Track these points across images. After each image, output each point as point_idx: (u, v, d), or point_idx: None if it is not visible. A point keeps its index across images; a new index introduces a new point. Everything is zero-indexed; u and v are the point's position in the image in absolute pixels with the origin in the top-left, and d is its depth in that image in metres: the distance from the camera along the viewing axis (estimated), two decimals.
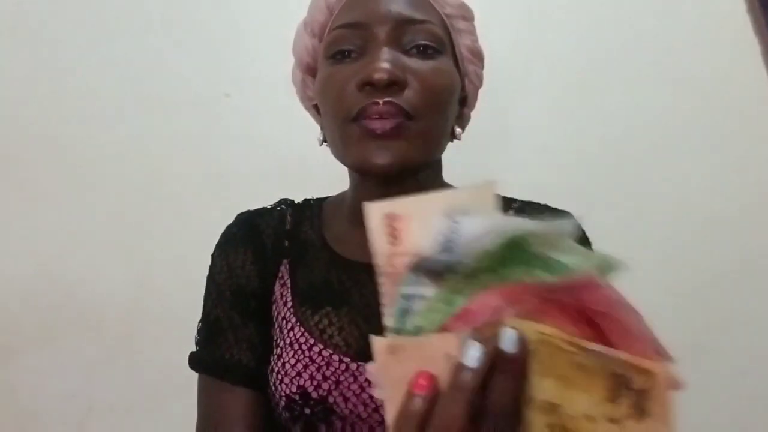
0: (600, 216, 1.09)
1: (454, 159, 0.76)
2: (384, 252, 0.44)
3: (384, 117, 0.63)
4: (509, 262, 0.41)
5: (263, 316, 0.73)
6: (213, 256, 0.78)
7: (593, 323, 0.40)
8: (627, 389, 0.38)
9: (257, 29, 1.21)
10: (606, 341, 0.40)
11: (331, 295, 0.70)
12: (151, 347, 1.14)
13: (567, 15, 1.21)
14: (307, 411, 0.64)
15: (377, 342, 0.42)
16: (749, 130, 1.19)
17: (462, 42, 0.73)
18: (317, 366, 0.65)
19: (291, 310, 0.71)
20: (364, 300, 0.69)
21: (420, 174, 0.67)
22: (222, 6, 1.22)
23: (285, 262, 0.75)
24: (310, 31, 0.74)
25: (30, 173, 1.19)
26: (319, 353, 0.66)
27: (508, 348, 0.38)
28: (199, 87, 1.21)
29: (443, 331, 0.41)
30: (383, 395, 0.42)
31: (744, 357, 1.14)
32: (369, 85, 0.63)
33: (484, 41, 0.79)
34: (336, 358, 0.66)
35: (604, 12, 1.21)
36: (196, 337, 0.75)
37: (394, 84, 0.63)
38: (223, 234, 0.79)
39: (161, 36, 1.22)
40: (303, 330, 0.69)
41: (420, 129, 0.65)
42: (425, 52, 0.67)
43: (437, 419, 0.39)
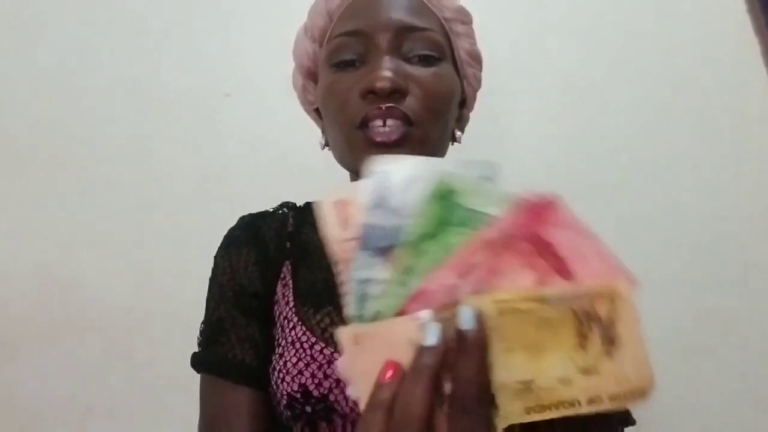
0: (600, 216, 1.10)
1: (452, 160, 0.76)
2: (337, 238, 0.45)
3: (387, 123, 0.65)
4: (446, 223, 0.43)
5: (265, 316, 0.74)
6: (216, 258, 0.78)
7: (550, 251, 0.41)
8: (594, 323, 0.38)
9: (257, 29, 1.21)
10: (565, 267, 0.40)
11: (333, 295, 0.70)
12: (151, 348, 1.14)
13: (567, 16, 1.22)
14: (308, 409, 0.65)
15: (343, 333, 0.43)
16: (749, 130, 1.19)
17: (461, 45, 0.74)
18: (318, 364, 0.65)
19: (293, 309, 0.71)
20: None
21: None
22: (222, 6, 1.23)
23: (287, 263, 0.75)
24: (310, 37, 0.75)
25: (30, 173, 1.18)
26: (321, 351, 0.66)
27: (466, 326, 0.38)
28: (199, 87, 1.21)
29: (402, 315, 0.41)
30: (355, 391, 0.42)
31: (744, 357, 1.14)
32: (372, 93, 0.65)
33: (484, 43, 0.79)
34: (337, 356, 0.66)
35: (603, 12, 1.22)
36: (198, 338, 0.75)
37: (396, 92, 0.65)
38: (226, 236, 0.80)
39: (161, 36, 1.22)
40: (305, 329, 0.69)
41: (422, 135, 0.67)
42: (426, 59, 0.69)
43: (399, 403, 0.39)
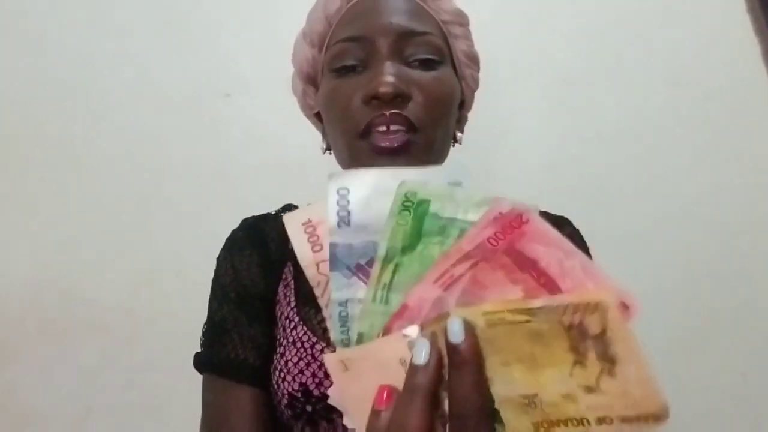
0: (599, 216, 1.10)
1: (453, 160, 0.76)
2: (309, 261, 0.43)
3: (391, 130, 0.65)
4: (421, 234, 0.41)
5: (268, 317, 0.74)
6: (218, 259, 0.79)
7: (532, 266, 0.39)
8: (587, 339, 0.36)
9: (257, 29, 1.21)
10: (551, 282, 0.38)
11: None
12: (151, 348, 1.14)
13: (566, 16, 1.22)
14: (309, 408, 0.65)
15: (329, 360, 0.40)
16: (749, 130, 1.19)
17: (459, 47, 0.75)
18: (319, 364, 0.66)
19: (294, 309, 0.72)
20: None
21: None
22: (222, 6, 1.23)
23: (289, 264, 0.76)
24: (309, 42, 0.75)
25: (30, 173, 1.18)
26: (321, 351, 0.66)
27: (456, 339, 0.37)
28: (199, 87, 1.21)
29: (387, 333, 0.39)
30: (350, 421, 0.41)
31: (744, 357, 1.14)
32: (375, 99, 0.65)
33: (484, 43, 0.80)
34: None
35: (603, 12, 1.22)
36: (201, 339, 0.75)
37: (399, 97, 0.65)
38: (229, 238, 0.80)
39: (161, 36, 1.22)
40: (306, 329, 0.69)
41: (426, 141, 0.67)
42: (427, 63, 0.69)
43: (395, 427, 0.37)
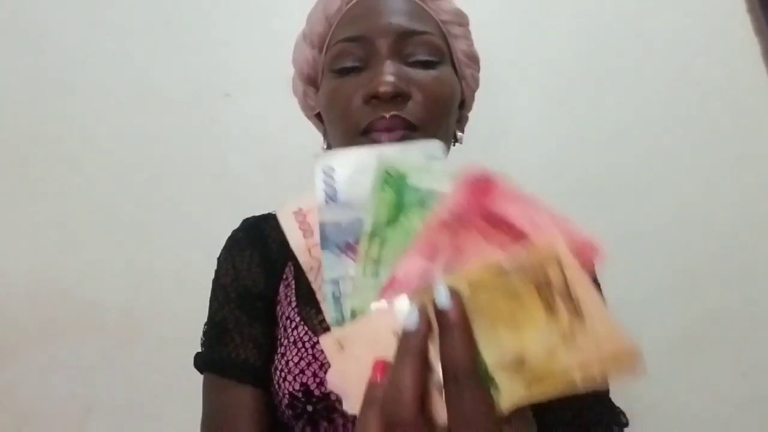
0: (600, 215, 1.10)
1: (453, 160, 0.76)
2: (302, 247, 0.45)
3: (391, 130, 0.65)
4: (402, 207, 0.43)
5: (269, 316, 0.74)
6: (219, 259, 0.79)
7: (505, 224, 0.42)
8: (554, 291, 0.39)
9: (257, 29, 1.21)
10: (522, 235, 0.41)
11: None
12: (151, 347, 1.14)
13: (567, 16, 1.22)
14: (310, 408, 0.65)
15: (325, 341, 0.42)
16: (749, 130, 1.19)
17: (458, 47, 0.75)
18: (320, 364, 0.66)
19: (295, 309, 0.72)
20: None
21: None
22: (222, 6, 1.23)
23: (290, 264, 0.76)
24: (309, 43, 0.75)
25: (30, 173, 1.18)
26: (322, 351, 0.66)
27: (444, 305, 0.38)
28: (199, 87, 1.21)
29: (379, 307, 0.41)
30: (350, 405, 0.42)
31: (744, 357, 1.14)
32: (375, 99, 0.66)
33: (484, 43, 0.80)
34: None
35: (603, 12, 1.22)
36: (201, 339, 0.76)
37: (398, 96, 0.65)
38: (229, 238, 0.80)
39: (161, 36, 1.22)
40: (306, 328, 0.69)
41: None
42: (426, 62, 0.69)
43: (390, 390, 0.39)
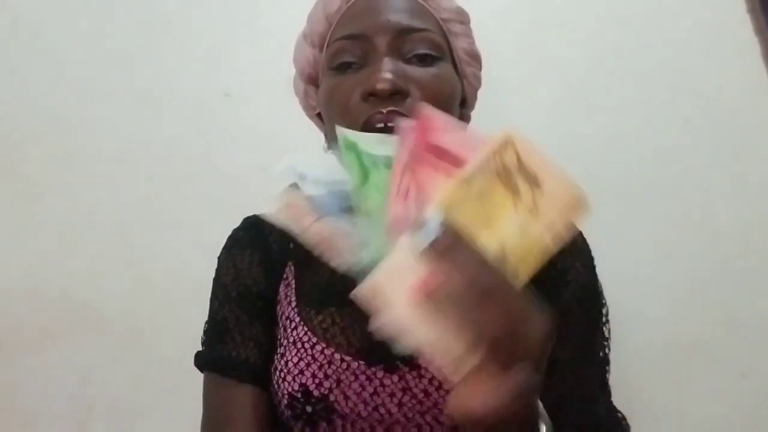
0: (600, 215, 1.10)
1: None
2: (302, 229, 0.50)
3: (388, 126, 0.65)
4: (365, 168, 0.50)
5: (269, 316, 0.74)
6: (219, 258, 0.79)
7: (445, 153, 0.49)
8: (512, 172, 0.46)
9: (257, 29, 1.21)
10: (462, 158, 0.48)
11: (335, 296, 0.71)
12: (152, 347, 1.14)
13: (567, 15, 1.22)
14: (309, 409, 0.65)
15: (359, 295, 0.45)
16: (749, 130, 1.19)
17: (459, 45, 0.75)
18: (319, 364, 0.66)
19: (295, 309, 0.72)
20: None
21: None
22: (222, 6, 1.23)
23: (290, 263, 0.76)
24: (310, 42, 0.75)
25: (30, 173, 1.18)
26: (322, 352, 0.67)
27: (436, 233, 0.44)
28: (199, 87, 1.21)
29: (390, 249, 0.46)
30: (412, 341, 0.44)
31: (744, 357, 1.14)
32: (372, 96, 0.65)
33: (485, 42, 0.79)
34: (338, 356, 0.67)
35: (604, 12, 1.21)
36: (202, 338, 0.76)
37: (396, 93, 0.65)
38: (230, 237, 0.80)
39: (161, 36, 1.22)
40: (306, 329, 0.69)
41: None
42: (425, 59, 0.69)
43: (459, 274, 0.43)
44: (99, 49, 1.21)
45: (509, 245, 0.45)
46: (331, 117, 0.71)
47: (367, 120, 0.66)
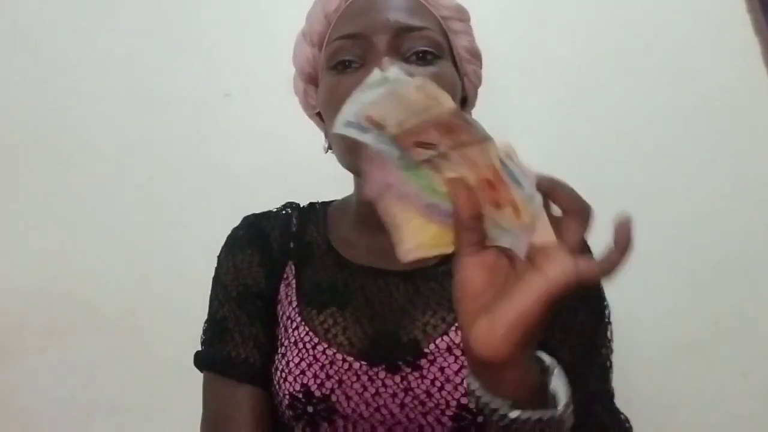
0: (599, 216, 1.10)
1: None
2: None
3: None
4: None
5: (269, 316, 0.74)
6: (219, 257, 0.79)
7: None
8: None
9: (257, 30, 1.21)
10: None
11: (336, 296, 0.71)
12: (152, 347, 1.14)
13: (567, 15, 1.22)
14: (310, 409, 0.65)
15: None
16: (749, 130, 1.19)
17: (459, 43, 0.74)
18: (321, 365, 0.66)
19: (296, 309, 0.71)
20: (368, 301, 0.70)
21: None
22: (222, 6, 1.23)
23: (290, 263, 0.76)
24: (309, 41, 0.75)
25: (30, 173, 1.18)
26: (323, 352, 0.67)
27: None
28: (199, 87, 1.20)
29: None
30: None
31: (744, 357, 1.14)
32: None
33: (484, 41, 0.79)
34: (339, 357, 0.66)
35: (604, 12, 1.21)
36: (201, 337, 0.76)
37: None
38: (229, 236, 0.80)
39: (161, 36, 1.22)
40: (307, 329, 0.69)
41: None
42: (425, 58, 0.68)
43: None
44: (99, 49, 1.21)
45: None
46: (331, 116, 0.71)
47: None
